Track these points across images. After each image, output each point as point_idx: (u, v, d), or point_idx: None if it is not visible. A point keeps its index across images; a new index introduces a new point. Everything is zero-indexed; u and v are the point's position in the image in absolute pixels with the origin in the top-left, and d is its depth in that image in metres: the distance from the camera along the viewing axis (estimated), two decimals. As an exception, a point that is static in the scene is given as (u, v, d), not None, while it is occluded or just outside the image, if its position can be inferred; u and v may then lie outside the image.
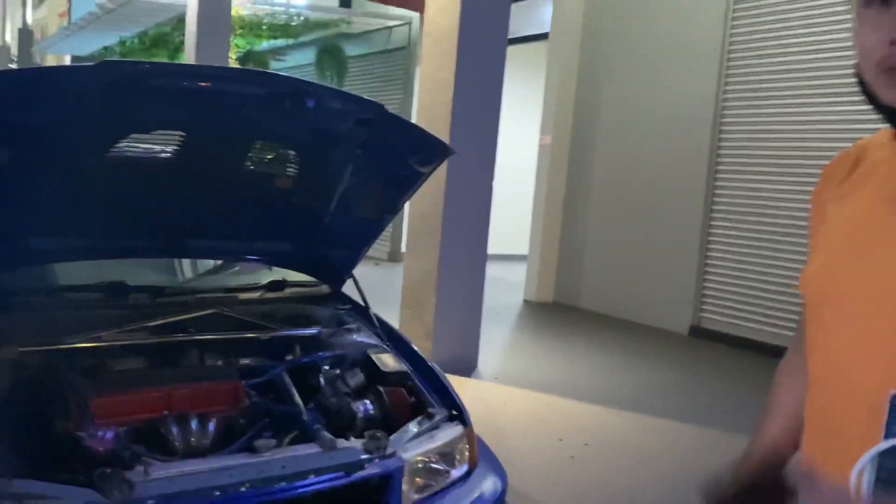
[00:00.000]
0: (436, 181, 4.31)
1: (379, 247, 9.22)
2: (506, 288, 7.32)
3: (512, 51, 8.94)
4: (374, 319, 2.31)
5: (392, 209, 2.36)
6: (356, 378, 2.05)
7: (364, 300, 2.38)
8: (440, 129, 4.26)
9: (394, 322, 2.61)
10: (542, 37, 7.47)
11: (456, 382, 2.19)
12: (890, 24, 0.79)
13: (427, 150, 2.15)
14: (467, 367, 4.57)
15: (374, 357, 2.12)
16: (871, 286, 0.81)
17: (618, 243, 6.68)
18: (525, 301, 7.28)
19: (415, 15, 8.04)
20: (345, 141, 2.03)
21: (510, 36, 8.59)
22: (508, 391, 4.36)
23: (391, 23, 8.64)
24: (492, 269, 4.94)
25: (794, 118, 5.37)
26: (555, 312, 6.89)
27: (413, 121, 4.44)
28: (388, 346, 2.20)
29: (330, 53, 9.04)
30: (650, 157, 6.39)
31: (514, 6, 7.91)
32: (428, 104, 4.48)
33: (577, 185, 7.13)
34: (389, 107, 1.98)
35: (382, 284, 5.27)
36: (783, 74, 5.45)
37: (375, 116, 1.93)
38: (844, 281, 0.85)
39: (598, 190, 6.93)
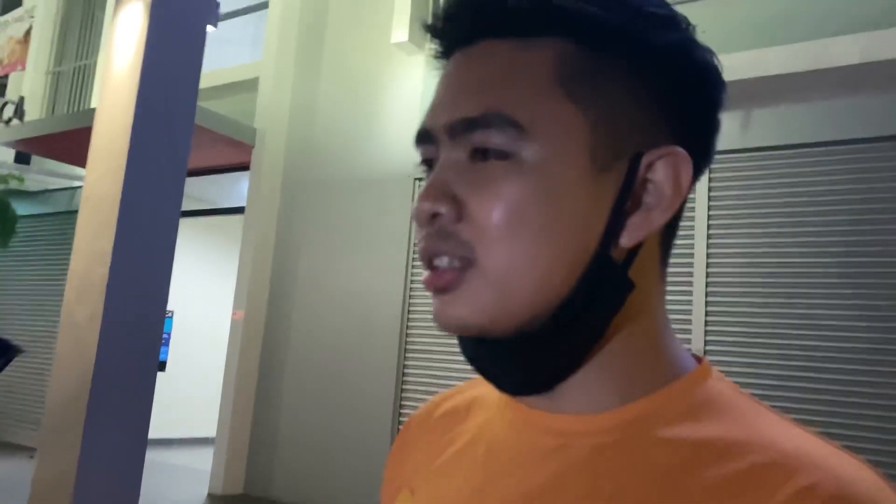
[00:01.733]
0: (81, 363, 3.71)
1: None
2: (189, 479, 6.48)
3: (214, 222, 8.67)
4: None
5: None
6: None
7: None
8: (93, 300, 3.75)
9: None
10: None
11: None
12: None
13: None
14: None
15: None
16: None
17: (313, 425, 6.33)
18: (210, 495, 6.48)
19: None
20: None
21: (212, 206, 8.37)
22: None
23: (76, 183, 7.92)
24: (176, 457, 4.28)
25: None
26: (242, 507, 6.20)
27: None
28: None
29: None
30: (346, 335, 6.30)
31: (215, 178, 7.75)
32: (81, 272, 3.94)
33: (272, 364, 6.76)
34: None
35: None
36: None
37: None
38: None
39: (294, 368, 6.62)
